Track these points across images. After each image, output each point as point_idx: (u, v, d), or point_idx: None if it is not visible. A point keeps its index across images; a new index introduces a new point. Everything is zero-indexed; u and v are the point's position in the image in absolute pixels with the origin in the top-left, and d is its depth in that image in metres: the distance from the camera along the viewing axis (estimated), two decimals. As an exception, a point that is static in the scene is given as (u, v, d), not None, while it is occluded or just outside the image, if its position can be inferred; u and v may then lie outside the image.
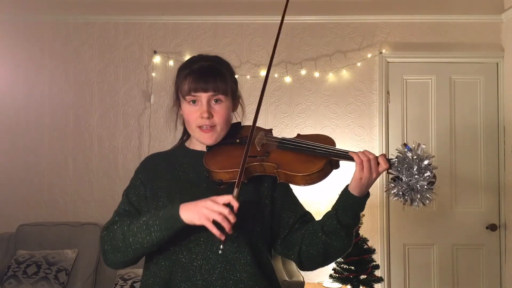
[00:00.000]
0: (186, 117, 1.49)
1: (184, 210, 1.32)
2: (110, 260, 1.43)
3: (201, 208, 1.29)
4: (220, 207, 1.27)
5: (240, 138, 1.50)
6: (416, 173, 1.28)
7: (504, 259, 3.82)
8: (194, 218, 1.30)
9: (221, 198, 1.29)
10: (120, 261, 1.42)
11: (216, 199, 1.29)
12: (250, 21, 3.95)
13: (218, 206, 1.27)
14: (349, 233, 1.42)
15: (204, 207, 1.29)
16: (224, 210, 1.26)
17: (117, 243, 1.39)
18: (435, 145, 3.89)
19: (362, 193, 1.37)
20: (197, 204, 1.31)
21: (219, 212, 1.27)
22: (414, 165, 1.28)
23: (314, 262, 1.47)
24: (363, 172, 1.33)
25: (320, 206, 3.55)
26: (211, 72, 1.47)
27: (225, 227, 1.26)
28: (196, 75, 1.46)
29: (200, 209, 1.29)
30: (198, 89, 1.45)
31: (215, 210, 1.27)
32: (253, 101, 3.92)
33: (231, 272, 1.40)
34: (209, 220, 1.27)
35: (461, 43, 3.89)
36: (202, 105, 1.46)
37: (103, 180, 3.95)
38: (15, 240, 3.71)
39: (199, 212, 1.29)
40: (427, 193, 1.28)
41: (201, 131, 1.47)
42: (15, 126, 3.97)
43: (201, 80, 1.45)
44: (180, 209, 1.32)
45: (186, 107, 1.48)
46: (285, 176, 1.38)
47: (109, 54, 3.98)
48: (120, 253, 1.40)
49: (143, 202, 1.48)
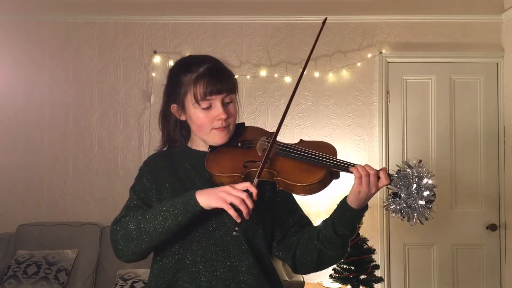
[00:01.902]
0: (199, 122, 1.44)
1: (201, 194, 1.32)
2: (122, 252, 1.38)
3: (219, 192, 1.30)
4: (239, 192, 1.28)
5: (242, 142, 1.49)
6: (415, 191, 1.27)
7: (504, 259, 3.82)
8: (212, 201, 1.30)
9: (240, 184, 1.31)
10: (132, 252, 1.37)
11: (235, 185, 1.31)
12: (250, 21, 3.95)
13: (236, 191, 1.29)
14: (345, 242, 1.42)
15: (223, 191, 1.30)
16: (242, 194, 1.28)
17: (130, 232, 1.35)
18: (435, 145, 3.89)
19: (360, 205, 1.36)
20: (214, 190, 1.32)
21: (237, 196, 1.28)
22: (414, 183, 1.28)
23: (307, 267, 1.48)
24: (362, 186, 1.32)
25: (319, 207, 3.55)
26: (220, 72, 1.45)
27: (243, 210, 1.27)
28: (208, 78, 1.42)
29: (218, 193, 1.30)
30: (213, 92, 1.42)
31: (234, 194, 1.28)
32: (252, 101, 3.93)
33: (234, 274, 1.40)
34: (226, 202, 1.28)
35: (461, 43, 3.89)
36: (217, 107, 1.43)
37: (103, 180, 3.94)
38: (15, 240, 3.71)
39: (217, 196, 1.30)
40: (425, 212, 1.27)
41: (217, 130, 1.45)
42: (15, 126, 3.97)
43: (215, 82, 1.42)
44: (196, 194, 1.33)
45: (199, 112, 1.43)
46: (284, 184, 1.38)
47: (109, 54, 3.98)
48: (133, 243, 1.36)
49: (152, 197, 1.47)
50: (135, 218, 1.37)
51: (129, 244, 1.36)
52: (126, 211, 1.44)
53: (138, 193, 1.48)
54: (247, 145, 1.48)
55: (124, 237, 1.36)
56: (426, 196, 1.27)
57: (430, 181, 1.28)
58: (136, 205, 1.45)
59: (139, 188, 1.48)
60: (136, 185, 1.50)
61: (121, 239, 1.37)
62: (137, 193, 1.48)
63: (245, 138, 1.51)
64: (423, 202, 1.27)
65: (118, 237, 1.37)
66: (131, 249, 1.37)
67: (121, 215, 1.43)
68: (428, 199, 1.27)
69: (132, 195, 1.49)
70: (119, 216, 1.43)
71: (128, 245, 1.36)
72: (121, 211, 1.46)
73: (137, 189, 1.49)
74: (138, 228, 1.35)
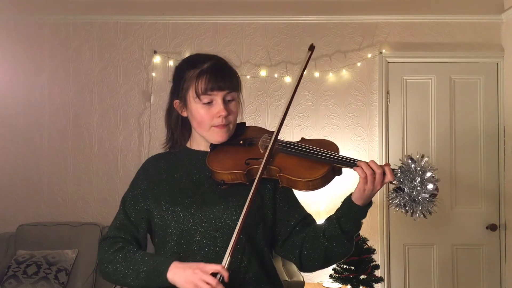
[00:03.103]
0: (199, 118, 1.45)
1: (174, 271, 1.31)
2: (104, 275, 1.44)
3: (190, 276, 1.27)
4: (209, 278, 1.25)
5: (243, 140, 1.49)
6: (419, 185, 1.28)
7: (504, 259, 3.82)
8: (180, 283, 1.29)
9: (211, 266, 1.27)
10: (109, 276, 1.43)
11: (206, 267, 1.28)
12: (250, 21, 3.95)
13: (207, 277, 1.26)
14: (351, 239, 1.43)
15: (193, 274, 1.27)
16: (212, 281, 1.25)
17: (116, 269, 1.40)
18: (435, 145, 3.89)
19: (365, 202, 1.37)
20: (186, 270, 1.29)
21: (207, 284, 1.25)
22: (417, 176, 1.28)
23: (314, 265, 1.48)
24: (367, 185, 1.33)
25: (320, 206, 3.55)
26: (224, 69, 1.46)
27: None
28: (211, 74, 1.42)
29: (189, 276, 1.28)
30: (214, 88, 1.42)
31: (204, 280, 1.25)
32: (252, 101, 3.92)
33: (235, 273, 1.40)
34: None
35: (461, 43, 3.89)
36: (218, 104, 1.43)
37: (103, 180, 3.95)
38: (15, 240, 3.71)
39: (187, 280, 1.28)
40: (428, 205, 1.28)
41: (216, 128, 1.45)
42: (15, 126, 3.97)
43: (217, 79, 1.42)
44: (169, 267, 1.32)
45: (200, 108, 1.44)
46: (287, 180, 1.38)
47: (109, 54, 3.98)
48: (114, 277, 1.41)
49: (143, 215, 1.48)
50: (115, 255, 1.41)
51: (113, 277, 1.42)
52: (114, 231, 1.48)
53: (129, 212, 1.49)
54: (249, 143, 1.48)
55: (105, 263, 1.42)
56: (430, 189, 1.27)
57: (434, 175, 1.28)
58: (122, 224, 1.48)
59: (131, 206, 1.49)
60: (127, 197, 1.51)
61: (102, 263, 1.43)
62: (127, 211, 1.49)
63: (246, 136, 1.51)
64: (426, 196, 1.27)
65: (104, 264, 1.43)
66: (113, 280, 1.42)
67: (109, 234, 1.48)
68: (431, 192, 1.27)
69: (121, 210, 1.51)
70: (106, 235, 1.48)
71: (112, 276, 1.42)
72: (109, 227, 1.51)
73: (128, 205, 1.49)
74: (114, 270, 1.40)
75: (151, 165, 1.54)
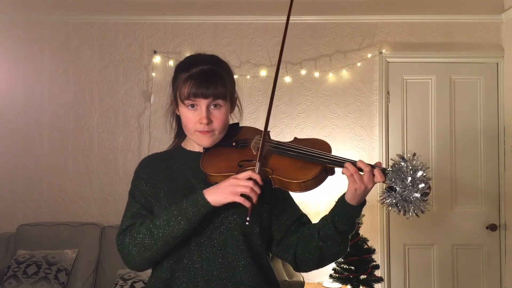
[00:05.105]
0: (185, 121, 1.46)
1: (210, 193, 1.35)
2: (136, 262, 1.39)
3: (227, 187, 1.33)
4: (245, 181, 1.32)
5: (236, 141, 1.49)
6: (410, 184, 1.28)
7: (504, 259, 3.82)
8: (221, 197, 1.33)
9: (242, 174, 1.34)
10: (148, 260, 1.39)
11: (237, 176, 1.34)
12: (250, 21, 3.95)
13: (242, 181, 1.32)
14: (345, 238, 1.42)
15: (229, 185, 1.33)
16: (249, 183, 1.31)
17: (143, 241, 1.36)
18: (435, 145, 3.89)
19: (359, 202, 1.37)
20: (220, 186, 1.35)
21: (245, 186, 1.31)
22: (408, 176, 1.28)
23: (309, 265, 1.48)
24: (356, 184, 1.33)
25: (319, 206, 3.55)
26: (211, 76, 1.43)
27: (253, 197, 1.31)
28: (196, 80, 1.42)
29: (226, 188, 1.33)
30: (198, 94, 1.41)
31: (242, 185, 1.31)
32: (252, 101, 3.92)
33: (231, 274, 1.41)
34: (237, 194, 1.31)
35: (461, 43, 3.89)
36: (201, 110, 1.43)
37: (103, 180, 3.95)
38: (15, 240, 3.71)
39: (226, 191, 1.33)
40: (420, 204, 1.28)
41: (199, 133, 1.45)
42: (15, 126, 3.97)
43: (201, 86, 1.41)
44: (205, 194, 1.35)
45: (185, 111, 1.45)
46: (280, 182, 1.38)
47: (109, 54, 3.98)
48: (148, 251, 1.37)
49: (151, 200, 1.46)
50: (145, 226, 1.37)
51: (144, 254, 1.37)
52: (130, 220, 1.43)
53: (139, 199, 1.47)
54: (242, 144, 1.48)
55: (138, 247, 1.37)
56: (421, 188, 1.28)
57: (425, 174, 1.28)
58: (138, 212, 1.45)
59: (139, 194, 1.48)
60: (134, 190, 1.50)
61: (135, 250, 1.37)
62: (138, 199, 1.47)
63: (240, 137, 1.51)
64: (418, 195, 1.27)
65: (130, 248, 1.38)
66: (147, 257, 1.38)
67: (126, 224, 1.43)
68: (423, 191, 1.28)
69: (132, 201, 1.48)
70: (124, 226, 1.43)
71: (143, 254, 1.37)
72: (123, 219, 1.46)
73: (137, 195, 1.48)
74: (151, 237, 1.36)
75: (148, 164, 1.54)
